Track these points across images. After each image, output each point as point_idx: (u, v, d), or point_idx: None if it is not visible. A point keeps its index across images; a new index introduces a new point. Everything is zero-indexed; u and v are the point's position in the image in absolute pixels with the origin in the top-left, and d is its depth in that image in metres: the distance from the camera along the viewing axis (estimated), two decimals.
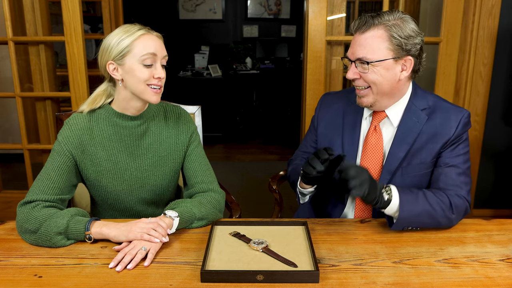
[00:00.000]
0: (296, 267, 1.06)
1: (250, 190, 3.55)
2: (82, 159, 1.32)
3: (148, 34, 1.26)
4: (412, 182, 1.36)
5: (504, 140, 2.78)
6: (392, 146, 1.37)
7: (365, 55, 1.27)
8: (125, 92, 1.30)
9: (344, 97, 1.51)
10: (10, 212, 2.85)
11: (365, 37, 1.27)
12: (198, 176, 1.42)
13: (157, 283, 1.01)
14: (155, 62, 1.26)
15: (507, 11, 2.56)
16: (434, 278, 1.04)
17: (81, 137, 1.31)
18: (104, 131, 1.34)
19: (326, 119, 1.52)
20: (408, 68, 1.31)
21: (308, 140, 1.59)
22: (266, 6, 6.01)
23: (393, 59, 1.27)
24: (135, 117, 1.35)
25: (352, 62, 1.31)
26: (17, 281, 1.02)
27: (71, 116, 1.35)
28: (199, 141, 1.47)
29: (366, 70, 1.28)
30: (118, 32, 1.26)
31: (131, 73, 1.25)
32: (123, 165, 1.36)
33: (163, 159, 1.40)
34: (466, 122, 1.35)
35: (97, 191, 1.38)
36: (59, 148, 1.30)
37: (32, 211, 1.20)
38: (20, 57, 2.88)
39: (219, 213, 1.36)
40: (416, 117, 1.36)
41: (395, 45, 1.26)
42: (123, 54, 1.24)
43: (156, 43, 1.26)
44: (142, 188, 1.39)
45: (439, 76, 2.52)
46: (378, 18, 1.27)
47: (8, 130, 4.00)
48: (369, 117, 1.43)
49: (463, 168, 1.33)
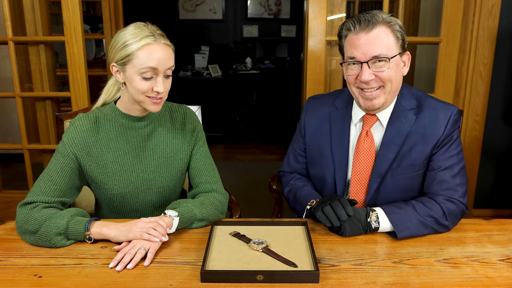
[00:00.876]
0: (296, 267, 1.06)
1: (250, 190, 3.55)
2: (87, 161, 1.30)
3: (154, 44, 1.20)
4: (403, 184, 1.35)
5: (504, 140, 2.78)
6: (381, 148, 1.35)
7: (382, 52, 1.23)
8: (128, 94, 1.28)
9: (330, 102, 1.47)
10: (10, 212, 2.85)
11: (374, 35, 1.23)
12: (202, 176, 1.40)
13: (157, 283, 1.01)
14: (156, 75, 1.22)
15: (507, 11, 2.56)
16: (434, 278, 1.04)
17: (86, 139, 1.30)
18: (110, 132, 1.32)
19: (313, 126, 1.48)
20: (407, 63, 1.31)
21: (297, 149, 1.55)
22: (266, 6, 6.01)
23: (399, 54, 1.27)
24: (140, 117, 1.34)
25: (363, 63, 1.25)
26: (17, 281, 1.02)
27: (77, 117, 1.33)
28: (204, 141, 1.46)
29: (384, 68, 1.24)
30: (127, 33, 1.21)
31: (130, 82, 1.23)
32: (129, 166, 1.34)
33: (170, 160, 1.38)
34: (455, 120, 1.32)
35: (103, 193, 1.36)
36: (63, 149, 1.28)
37: (31, 212, 1.19)
38: (20, 57, 2.88)
39: (221, 214, 1.35)
40: (404, 118, 1.33)
41: (400, 40, 1.26)
42: (124, 61, 1.21)
43: (160, 55, 1.20)
44: (149, 190, 1.37)
45: (439, 76, 2.52)
46: (375, 17, 1.24)
47: (8, 130, 4.00)
48: (359, 123, 1.40)
49: (457, 169, 1.31)
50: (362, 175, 1.38)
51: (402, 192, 1.36)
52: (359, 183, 1.39)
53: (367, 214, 1.24)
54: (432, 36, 2.91)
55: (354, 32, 1.25)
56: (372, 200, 1.37)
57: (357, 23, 1.25)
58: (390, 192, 1.36)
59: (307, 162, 1.53)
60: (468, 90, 2.66)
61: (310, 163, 1.52)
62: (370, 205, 1.37)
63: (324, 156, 1.44)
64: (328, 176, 1.43)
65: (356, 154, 1.39)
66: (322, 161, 1.45)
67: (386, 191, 1.36)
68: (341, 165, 1.40)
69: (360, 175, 1.38)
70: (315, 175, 1.50)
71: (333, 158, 1.41)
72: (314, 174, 1.51)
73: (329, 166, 1.43)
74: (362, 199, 1.40)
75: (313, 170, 1.51)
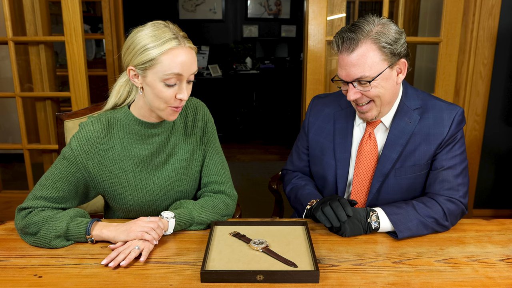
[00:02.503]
0: (296, 267, 1.06)
1: (250, 190, 3.55)
2: (98, 170, 1.22)
3: (179, 48, 1.10)
4: (405, 184, 1.35)
5: (504, 140, 2.78)
6: (385, 148, 1.34)
7: (363, 74, 1.21)
8: (145, 100, 1.19)
9: (334, 101, 1.47)
10: (10, 212, 2.85)
11: (355, 56, 1.20)
12: (212, 175, 1.35)
13: (157, 283, 1.01)
14: (180, 82, 1.13)
15: (507, 11, 2.56)
16: (434, 278, 1.04)
17: (98, 146, 1.20)
18: (123, 140, 1.23)
19: (316, 124, 1.49)
20: (403, 70, 1.28)
21: (300, 147, 1.55)
22: (266, 6, 6.01)
23: (389, 67, 1.24)
24: (156, 124, 1.25)
25: (349, 83, 1.25)
26: (17, 281, 1.02)
27: (87, 121, 1.22)
28: (215, 136, 1.38)
29: (368, 88, 1.24)
30: (147, 35, 1.11)
31: (151, 89, 1.13)
32: (144, 175, 1.26)
33: (186, 162, 1.31)
34: (460, 120, 1.32)
35: (118, 204, 1.28)
36: (71, 157, 1.19)
37: (30, 216, 1.17)
38: (20, 57, 2.89)
39: (222, 218, 1.31)
40: (408, 118, 1.33)
41: (388, 54, 1.22)
42: (146, 66, 1.11)
43: (185, 60, 1.11)
44: (167, 197, 1.30)
45: (439, 76, 2.52)
46: (361, 32, 1.20)
47: (8, 130, 4.00)
48: (362, 124, 1.40)
49: (460, 168, 1.32)
50: (364, 174, 1.38)
51: (404, 192, 1.36)
52: (360, 182, 1.39)
53: (367, 214, 1.24)
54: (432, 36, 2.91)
55: (339, 52, 1.24)
56: (373, 199, 1.37)
57: (340, 42, 1.23)
58: (392, 192, 1.36)
59: (309, 160, 1.53)
60: (468, 90, 2.66)
61: (312, 162, 1.52)
62: (371, 205, 1.37)
63: (326, 154, 1.44)
64: (329, 175, 1.43)
65: (358, 155, 1.39)
66: (324, 160, 1.45)
67: (388, 191, 1.36)
68: (343, 164, 1.40)
69: (362, 174, 1.39)
70: (316, 174, 1.51)
71: (335, 157, 1.41)
72: (315, 173, 1.51)
73: (330, 165, 1.43)
74: (363, 199, 1.40)
75: (314, 168, 1.51)
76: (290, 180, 1.56)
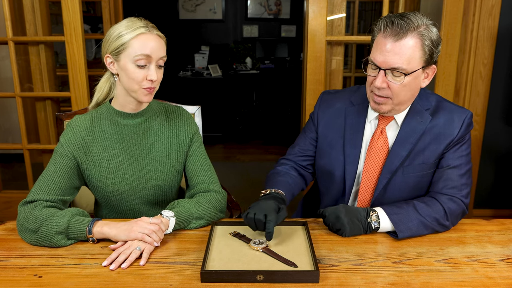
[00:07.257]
0: (296, 267, 1.06)
1: (250, 190, 3.54)
2: (84, 160, 1.32)
3: (148, 34, 1.25)
4: (412, 182, 1.36)
5: (504, 140, 2.78)
6: (394, 145, 1.35)
7: (402, 65, 1.19)
8: (121, 87, 1.30)
9: (346, 97, 1.47)
10: (10, 212, 2.85)
11: (400, 45, 1.18)
12: (200, 176, 1.41)
13: (157, 283, 1.01)
14: (149, 63, 1.25)
15: (507, 11, 2.56)
16: (434, 278, 1.04)
17: (83, 139, 1.32)
18: (105, 131, 1.34)
19: (326, 118, 1.48)
20: (430, 76, 1.28)
21: (308, 138, 1.52)
22: (266, 6, 6.01)
23: (422, 68, 1.23)
24: (135, 114, 1.36)
25: (381, 70, 1.22)
26: (17, 281, 1.02)
27: (73, 118, 1.35)
28: (201, 142, 1.47)
29: (398, 81, 1.22)
30: (121, 25, 1.26)
31: (124, 71, 1.25)
32: (125, 165, 1.35)
33: (165, 159, 1.39)
34: (469, 123, 1.34)
35: (100, 192, 1.37)
36: (61, 150, 1.30)
37: (33, 210, 1.20)
38: (20, 57, 2.88)
39: (219, 213, 1.36)
40: (420, 117, 1.34)
41: (427, 54, 1.21)
42: (119, 50, 1.24)
43: (153, 44, 1.25)
44: (145, 189, 1.38)
45: (439, 76, 2.52)
46: (411, 23, 1.18)
47: (8, 130, 4.00)
48: (374, 120, 1.40)
49: (465, 169, 1.33)
50: (373, 171, 1.38)
51: (411, 191, 1.36)
52: (369, 179, 1.39)
53: (367, 214, 1.25)
54: None
55: (383, 35, 1.21)
56: (379, 196, 1.37)
57: (389, 25, 1.20)
58: (399, 190, 1.36)
59: (316, 153, 1.51)
60: (468, 90, 2.66)
61: (318, 155, 1.50)
62: (377, 202, 1.37)
63: (335, 150, 1.43)
64: (337, 170, 1.43)
65: (369, 151, 1.39)
66: (332, 155, 1.44)
67: (395, 188, 1.36)
68: (352, 160, 1.40)
69: (371, 171, 1.39)
70: (323, 168, 1.49)
71: (344, 153, 1.41)
72: (322, 167, 1.49)
73: (339, 160, 1.42)
74: (369, 195, 1.40)
75: (322, 162, 1.49)
76: (275, 167, 1.54)
